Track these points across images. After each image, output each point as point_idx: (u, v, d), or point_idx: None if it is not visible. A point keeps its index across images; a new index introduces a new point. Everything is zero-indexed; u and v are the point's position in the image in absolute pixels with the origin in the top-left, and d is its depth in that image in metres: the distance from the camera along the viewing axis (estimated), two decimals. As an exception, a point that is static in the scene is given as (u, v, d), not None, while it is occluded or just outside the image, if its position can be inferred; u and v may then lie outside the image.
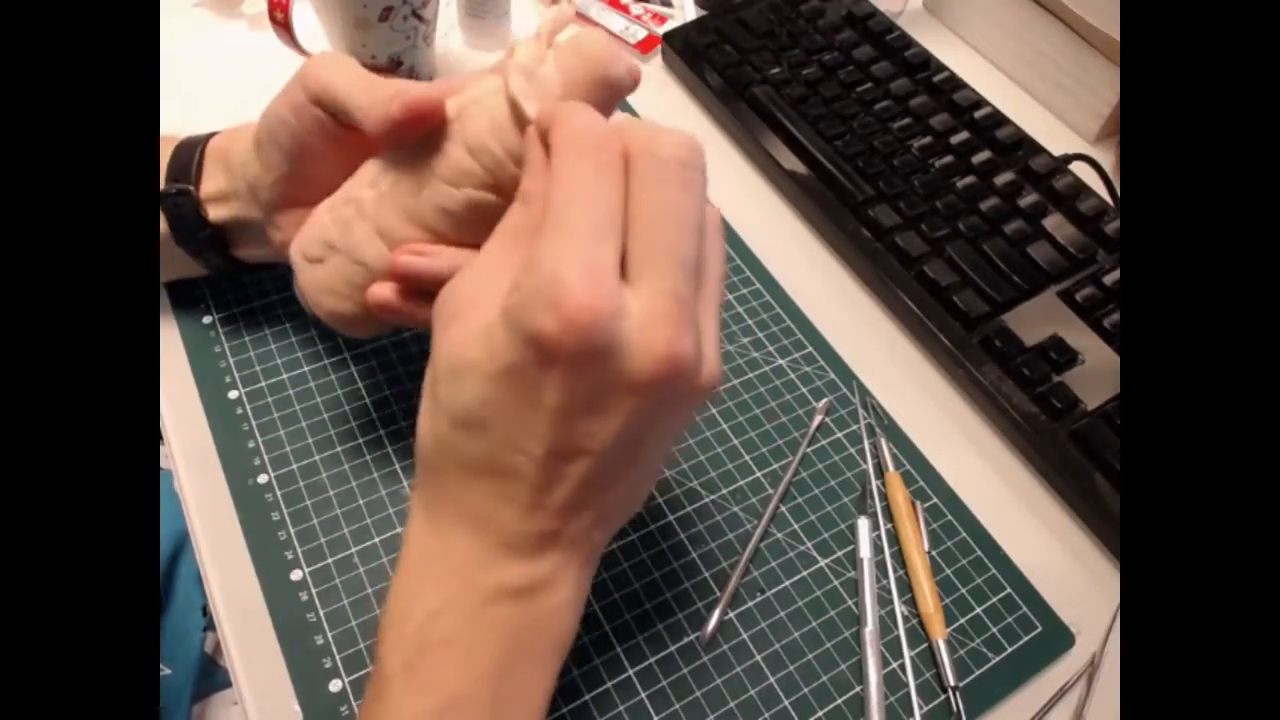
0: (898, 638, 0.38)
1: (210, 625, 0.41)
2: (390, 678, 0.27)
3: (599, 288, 0.23)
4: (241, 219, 0.38)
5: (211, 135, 0.39)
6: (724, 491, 0.41)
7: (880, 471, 0.43)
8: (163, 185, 0.38)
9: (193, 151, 0.38)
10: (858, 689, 0.36)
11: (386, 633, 0.28)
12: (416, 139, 0.32)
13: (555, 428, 0.25)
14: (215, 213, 0.38)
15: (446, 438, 0.26)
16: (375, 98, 0.31)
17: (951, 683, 0.36)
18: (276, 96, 0.34)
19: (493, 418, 0.25)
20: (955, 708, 0.36)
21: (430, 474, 0.28)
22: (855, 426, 0.44)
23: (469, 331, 0.25)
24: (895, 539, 0.41)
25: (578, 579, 0.28)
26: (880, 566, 0.40)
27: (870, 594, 0.38)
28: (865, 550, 0.39)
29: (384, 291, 0.32)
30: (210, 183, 0.38)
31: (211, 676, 0.70)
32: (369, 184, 0.33)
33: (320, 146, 0.34)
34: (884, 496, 0.42)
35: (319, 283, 0.35)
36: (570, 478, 0.26)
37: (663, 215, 0.24)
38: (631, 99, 0.58)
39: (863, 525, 0.40)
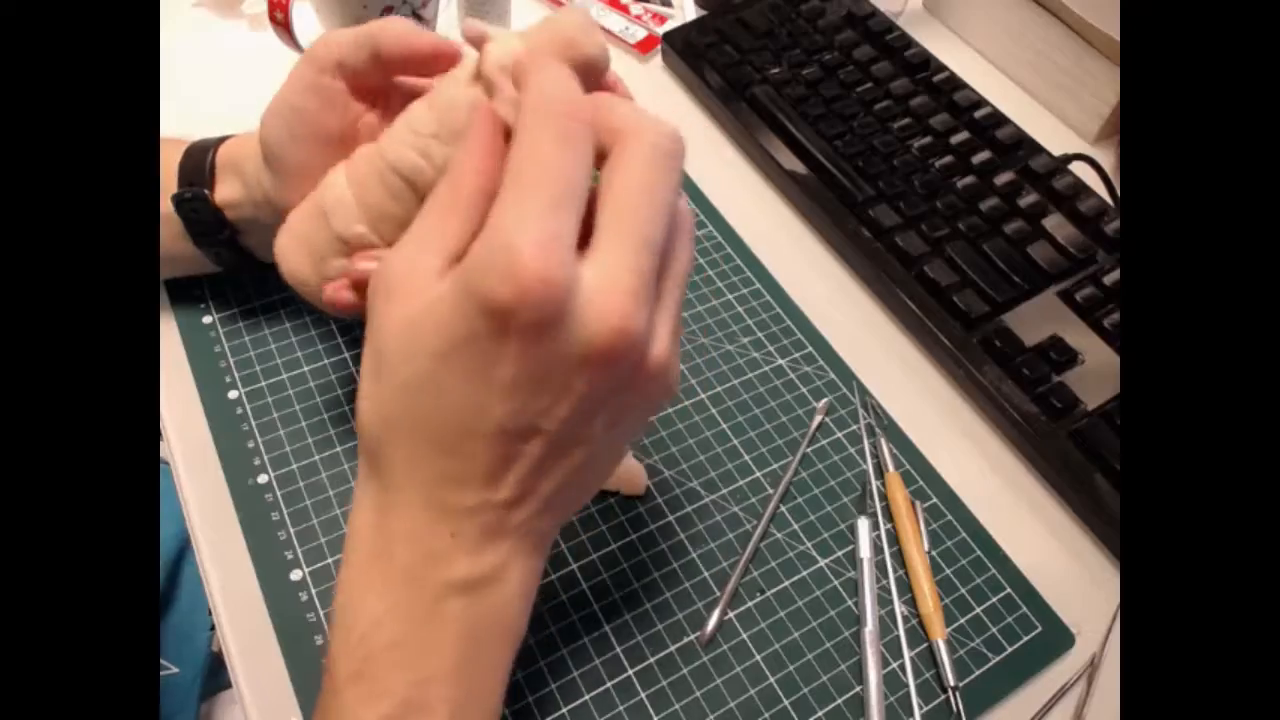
0: (898, 638, 0.38)
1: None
2: (340, 687, 0.26)
3: (554, 257, 0.22)
4: (260, 221, 0.38)
5: (221, 140, 0.39)
6: (724, 491, 0.41)
7: (880, 471, 0.43)
8: (175, 189, 0.38)
9: (204, 156, 0.38)
10: (858, 689, 0.36)
11: (334, 636, 0.27)
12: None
13: (508, 402, 0.24)
14: (232, 214, 0.38)
15: (395, 418, 0.25)
16: (396, 28, 0.32)
17: (951, 683, 0.36)
18: (278, 94, 0.34)
19: (444, 394, 0.24)
20: (955, 708, 0.36)
21: (375, 459, 0.26)
22: (855, 426, 0.44)
23: (411, 306, 0.24)
24: (895, 539, 0.41)
25: (526, 568, 0.27)
26: (880, 566, 0.40)
27: (870, 594, 0.38)
28: (865, 550, 0.39)
29: (344, 295, 0.32)
30: (224, 189, 0.38)
31: (219, 675, 0.70)
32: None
33: (337, 125, 0.34)
34: (884, 496, 0.42)
35: (291, 230, 0.34)
36: (523, 457, 0.25)
37: (635, 193, 0.24)
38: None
39: (863, 525, 0.40)
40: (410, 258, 0.25)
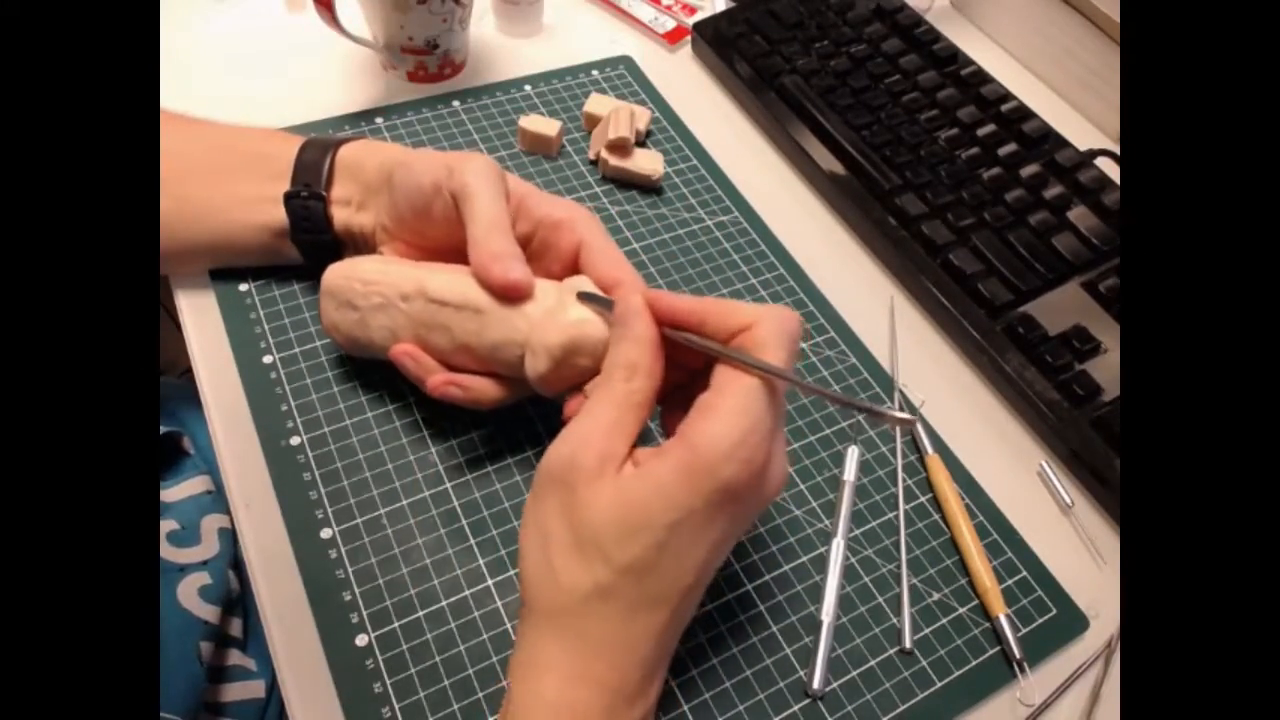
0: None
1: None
2: None
3: (769, 446, 0.29)
4: (362, 226, 0.41)
5: (340, 141, 0.42)
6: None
7: (917, 452, 0.43)
8: (290, 185, 0.41)
9: (322, 155, 0.41)
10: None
11: None
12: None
13: (709, 553, 0.29)
14: (339, 215, 0.41)
15: (612, 586, 0.28)
16: (490, 247, 0.35)
17: (1018, 655, 0.37)
18: (427, 159, 0.38)
19: (663, 559, 0.28)
20: (1022, 679, 0.37)
21: (574, 623, 0.29)
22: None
23: (631, 493, 0.28)
24: (911, 522, 0.41)
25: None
26: (918, 538, 0.40)
27: (845, 513, 0.40)
28: (850, 474, 0.42)
29: (453, 391, 0.37)
30: (341, 188, 0.41)
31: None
32: (411, 291, 0.37)
33: (436, 219, 0.38)
34: (913, 473, 0.42)
35: (329, 311, 0.40)
36: (699, 590, 0.30)
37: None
38: (661, 88, 0.59)
39: (852, 451, 0.42)
40: (602, 448, 0.29)
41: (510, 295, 0.35)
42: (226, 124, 0.43)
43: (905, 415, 0.29)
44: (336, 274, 0.39)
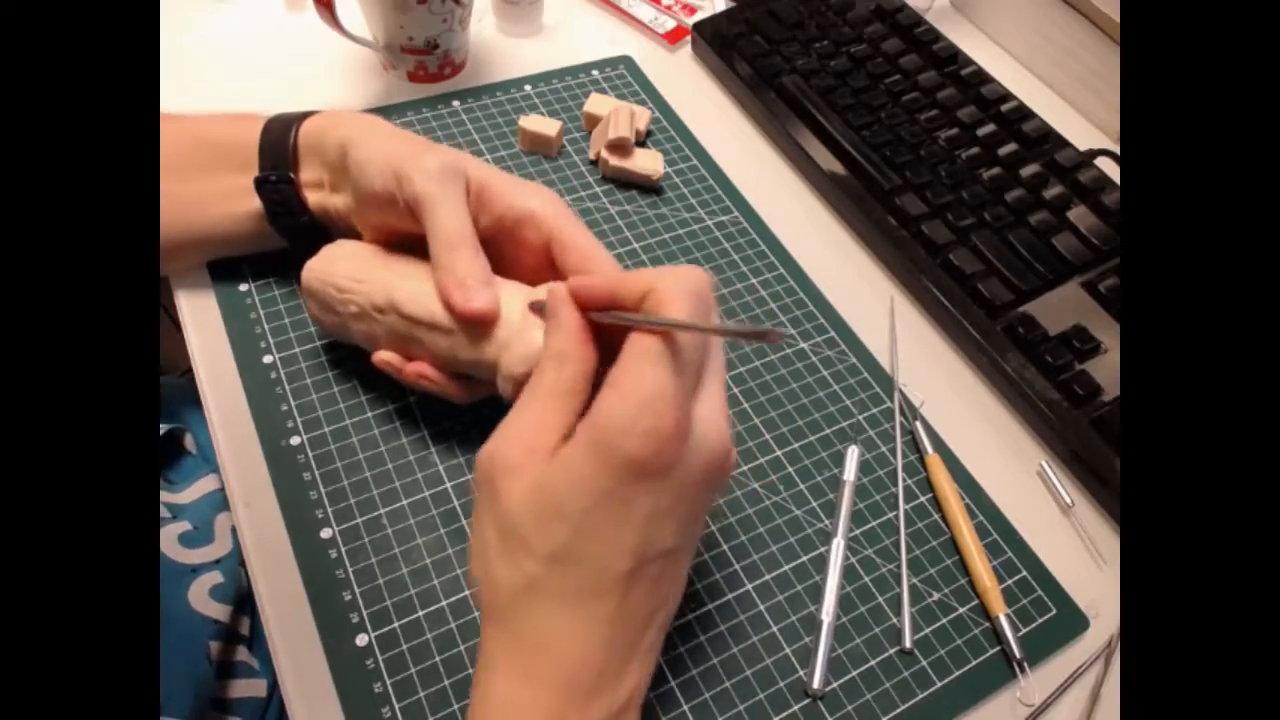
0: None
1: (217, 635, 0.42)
2: None
3: (681, 412, 0.27)
4: (337, 208, 0.40)
5: (302, 117, 0.40)
6: (744, 469, 0.42)
7: (917, 452, 0.43)
8: (259, 171, 0.40)
9: (285, 134, 0.40)
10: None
11: None
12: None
13: (640, 535, 0.27)
14: (313, 197, 0.40)
15: (540, 579, 0.27)
16: (453, 272, 0.35)
17: (1018, 655, 0.37)
18: (377, 162, 0.36)
19: (586, 545, 0.27)
20: (1023, 679, 0.37)
21: (512, 622, 0.28)
22: (875, 410, 0.45)
23: (543, 479, 0.27)
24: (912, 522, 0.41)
25: (647, 680, 0.29)
26: (918, 538, 0.40)
27: (846, 512, 0.40)
28: (850, 474, 0.42)
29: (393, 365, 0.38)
30: (309, 170, 0.40)
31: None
32: (384, 305, 0.37)
33: (398, 216, 0.37)
34: (913, 473, 0.42)
35: (312, 309, 0.40)
36: (647, 578, 0.28)
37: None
38: (661, 88, 0.59)
39: (852, 452, 0.42)
40: (530, 439, 0.28)
41: (474, 323, 0.35)
42: (192, 114, 0.42)
43: (773, 329, 0.26)
44: (313, 276, 0.39)
